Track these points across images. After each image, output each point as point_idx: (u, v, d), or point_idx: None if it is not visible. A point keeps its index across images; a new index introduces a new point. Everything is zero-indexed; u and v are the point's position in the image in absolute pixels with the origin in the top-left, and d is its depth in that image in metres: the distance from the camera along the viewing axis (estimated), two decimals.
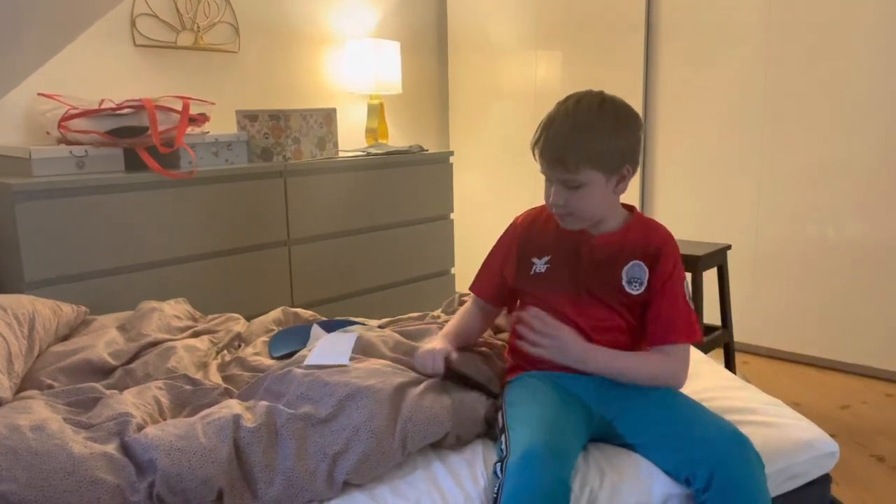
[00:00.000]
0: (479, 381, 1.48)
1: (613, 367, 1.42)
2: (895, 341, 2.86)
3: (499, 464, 1.28)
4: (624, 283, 1.48)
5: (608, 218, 1.51)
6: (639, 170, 3.43)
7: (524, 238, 1.57)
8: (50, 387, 1.55)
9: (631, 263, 1.49)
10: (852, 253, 2.92)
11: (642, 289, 1.48)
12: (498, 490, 1.23)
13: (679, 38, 3.28)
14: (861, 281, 2.91)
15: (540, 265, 1.52)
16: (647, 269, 1.48)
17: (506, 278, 1.59)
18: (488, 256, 1.65)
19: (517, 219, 1.63)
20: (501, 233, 1.64)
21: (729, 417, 1.37)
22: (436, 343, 1.54)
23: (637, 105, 3.35)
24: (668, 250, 1.50)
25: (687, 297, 1.49)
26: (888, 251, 2.84)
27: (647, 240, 1.50)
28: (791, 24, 2.96)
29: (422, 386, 1.45)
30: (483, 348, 1.70)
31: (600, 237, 1.50)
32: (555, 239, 1.52)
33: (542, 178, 1.49)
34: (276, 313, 2.08)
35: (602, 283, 1.48)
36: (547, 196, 1.48)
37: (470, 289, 1.67)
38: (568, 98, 1.47)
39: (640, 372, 1.43)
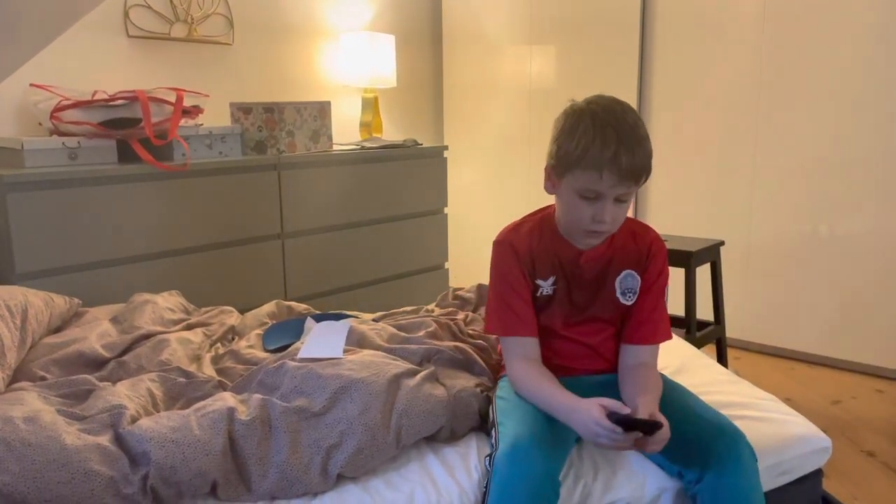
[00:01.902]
0: (645, 420, 1.23)
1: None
2: (886, 337, 2.88)
3: (488, 458, 1.28)
4: (618, 294, 1.46)
5: None
6: None
7: (528, 260, 1.45)
8: (43, 378, 1.55)
9: (623, 273, 1.46)
10: (844, 250, 2.94)
11: (636, 297, 1.47)
12: (487, 484, 1.23)
13: (674, 34, 3.28)
14: (853, 277, 2.93)
15: (547, 287, 1.46)
16: (639, 278, 1.47)
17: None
18: (505, 294, 1.45)
19: (510, 242, 1.46)
20: (495, 258, 1.48)
21: (722, 412, 1.38)
22: (580, 408, 1.27)
23: (632, 100, 3.35)
24: (658, 250, 1.48)
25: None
26: (880, 248, 2.85)
27: (637, 245, 1.48)
28: (786, 20, 2.97)
29: (417, 378, 1.45)
30: (479, 341, 1.70)
31: (588, 252, 1.45)
32: (554, 258, 1.46)
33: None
34: (269, 306, 2.08)
35: (598, 298, 1.46)
36: (587, 214, 1.35)
37: (513, 334, 1.44)
38: (607, 109, 1.34)
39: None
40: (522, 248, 1.45)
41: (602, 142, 1.29)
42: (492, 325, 1.49)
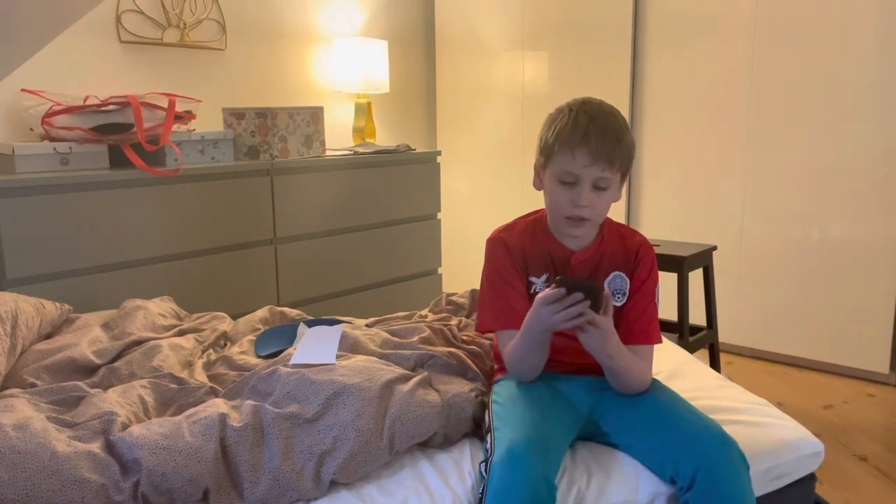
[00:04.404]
0: (587, 284, 1.30)
1: (624, 367, 1.39)
2: (877, 342, 2.89)
3: (483, 463, 1.28)
4: None
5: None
6: None
7: (520, 257, 1.49)
8: (33, 385, 1.53)
9: (612, 275, 1.49)
10: (836, 254, 2.95)
11: (625, 299, 1.49)
12: (483, 490, 1.23)
13: (666, 40, 3.30)
14: (844, 282, 2.94)
15: (540, 284, 1.49)
16: (628, 280, 1.49)
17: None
18: (499, 288, 1.48)
19: (503, 239, 1.50)
20: (489, 254, 1.51)
21: (715, 417, 1.38)
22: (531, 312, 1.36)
23: (624, 106, 3.36)
24: (646, 253, 1.51)
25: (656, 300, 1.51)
26: (871, 252, 2.87)
27: (625, 248, 1.51)
28: (776, 26, 2.98)
29: (411, 383, 1.45)
30: (472, 347, 1.70)
31: (580, 252, 1.48)
32: (546, 256, 1.49)
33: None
34: (262, 312, 2.07)
35: None
36: (565, 199, 1.40)
37: (509, 327, 1.45)
38: (585, 101, 1.42)
39: (634, 377, 1.41)
40: (515, 245, 1.49)
41: (574, 124, 1.38)
42: (483, 320, 1.50)
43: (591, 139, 1.36)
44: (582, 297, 1.29)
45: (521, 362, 1.43)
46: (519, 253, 1.49)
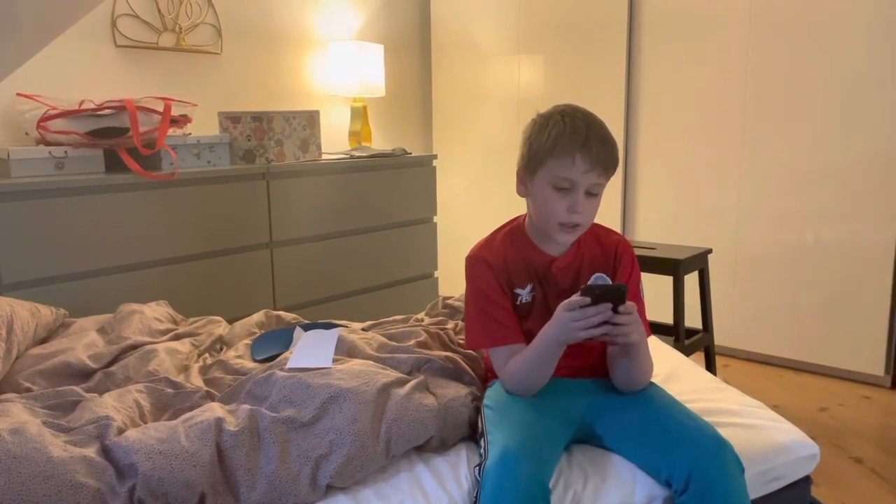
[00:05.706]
0: (613, 288, 1.29)
1: (646, 353, 1.42)
2: (872, 344, 2.90)
3: (478, 468, 1.28)
4: None
5: None
6: (621, 173, 3.47)
7: (503, 271, 1.48)
8: (28, 390, 1.53)
9: (594, 277, 1.49)
10: (831, 257, 2.96)
11: None
12: (477, 494, 1.23)
13: (661, 45, 3.31)
14: (839, 285, 2.95)
15: (525, 295, 1.49)
16: (610, 280, 1.49)
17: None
18: (485, 306, 1.47)
19: (483, 256, 1.49)
20: (471, 273, 1.50)
21: (710, 419, 1.38)
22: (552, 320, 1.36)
23: (619, 110, 3.37)
24: (625, 250, 1.52)
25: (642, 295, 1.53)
26: (866, 255, 2.87)
27: (603, 248, 1.52)
28: (771, 30, 3.00)
29: (407, 387, 1.45)
30: (469, 351, 1.70)
31: (560, 258, 1.49)
32: (528, 266, 1.50)
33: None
34: (258, 316, 2.07)
35: None
36: (561, 205, 1.40)
37: (501, 343, 1.46)
38: (574, 108, 1.44)
39: (648, 362, 1.43)
40: (496, 260, 1.49)
41: (572, 129, 1.39)
42: (475, 338, 1.50)
43: (592, 146, 1.37)
44: (610, 308, 1.27)
45: (526, 376, 1.41)
46: (501, 268, 1.49)
